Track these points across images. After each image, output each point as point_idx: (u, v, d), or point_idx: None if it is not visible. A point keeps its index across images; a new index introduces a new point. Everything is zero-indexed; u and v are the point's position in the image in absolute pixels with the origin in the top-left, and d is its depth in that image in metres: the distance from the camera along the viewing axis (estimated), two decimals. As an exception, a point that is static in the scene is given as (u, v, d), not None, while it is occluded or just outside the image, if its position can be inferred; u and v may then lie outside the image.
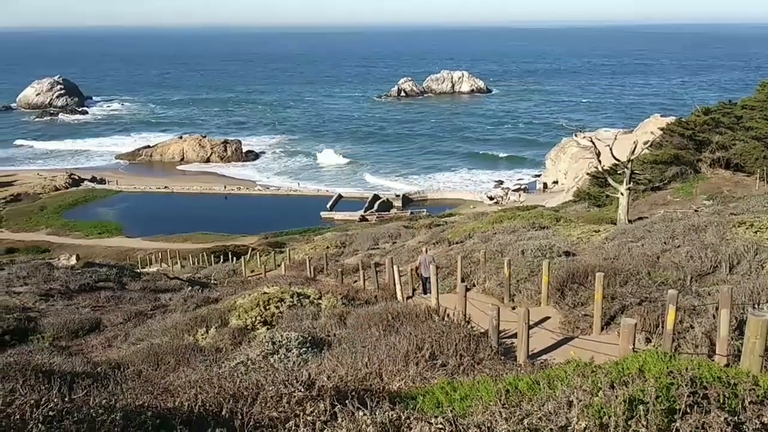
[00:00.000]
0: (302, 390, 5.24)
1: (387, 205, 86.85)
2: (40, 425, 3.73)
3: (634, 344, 7.95)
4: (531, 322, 9.88)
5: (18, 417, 3.98)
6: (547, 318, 12.63)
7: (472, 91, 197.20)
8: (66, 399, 4.42)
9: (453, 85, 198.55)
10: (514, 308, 13.92)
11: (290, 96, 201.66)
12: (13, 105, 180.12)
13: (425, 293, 17.81)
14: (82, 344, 15.50)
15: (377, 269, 21.69)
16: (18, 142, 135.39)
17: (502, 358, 8.66)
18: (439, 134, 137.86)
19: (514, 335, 10.35)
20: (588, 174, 49.79)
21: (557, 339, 11.13)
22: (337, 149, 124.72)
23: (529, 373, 6.56)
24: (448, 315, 10.79)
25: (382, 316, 11.42)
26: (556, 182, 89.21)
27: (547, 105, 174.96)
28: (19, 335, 15.86)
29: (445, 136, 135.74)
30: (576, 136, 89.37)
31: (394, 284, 17.98)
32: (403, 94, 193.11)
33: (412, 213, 78.72)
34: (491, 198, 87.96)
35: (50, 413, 3.99)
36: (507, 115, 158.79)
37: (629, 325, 8.00)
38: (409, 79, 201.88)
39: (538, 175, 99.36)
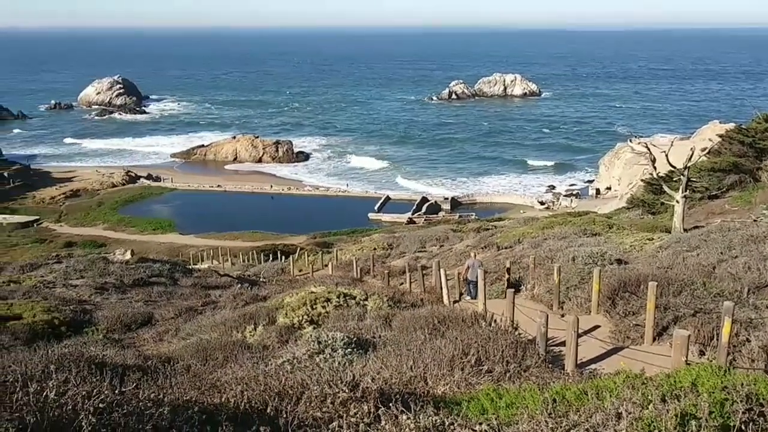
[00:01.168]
0: (346, 391, 5.25)
1: (435, 208, 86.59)
2: (90, 417, 3.83)
3: (687, 357, 7.72)
4: (580, 331, 9.69)
5: (70, 407, 4.09)
6: (597, 327, 12.38)
7: (525, 94, 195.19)
8: (116, 391, 4.53)
9: (505, 88, 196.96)
10: (563, 316, 13.69)
11: (342, 97, 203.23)
12: (74, 103, 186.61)
13: (473, 298, 17.71)
14: (135, 337, 15.89)
15: (424, 272, 21.62)
16: (67, 140, 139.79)
17: (550, 366, 8.51)
18: (490, 137, 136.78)
19: (563, 343, 10.18)
20: (642, 180, 48.66)
21: (607, 348, 10.89)
22: (385, 151, 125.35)
23: (577, 382, 6.43)
24: (495, 321, 10.67)
25: (428, 319, 11.36)
26: (609, 188, 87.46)
27: (602, 109, 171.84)
28: (74, 327, 16.35)
29: (496, 140, 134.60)
30: (631, 141, 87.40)
31: (441, 288, 17.89)
32: (454, 96, 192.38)
33: (460, 216, 78.29)
34: (542, 203, 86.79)
35: (101, 405, 4.09)
36: (560, 119, 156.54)
37: (682, 337, 7.77)
38: (461, 81, 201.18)
39: (591, 181, 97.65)
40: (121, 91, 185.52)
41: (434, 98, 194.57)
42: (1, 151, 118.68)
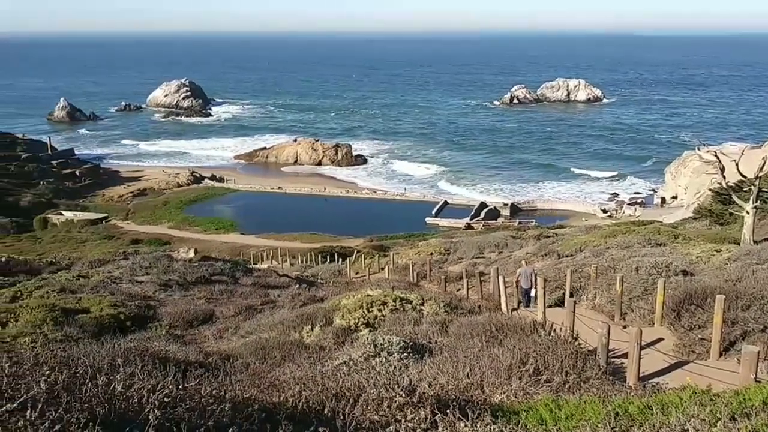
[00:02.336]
0: (403, 395, 5.24)
1: (494, 214, 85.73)
2: (156, 410, 3.93)
3: (756, 374, 7.41)
4: (643, 343, 9.42)
5: (136, 401, 4.21)
6: (660, 339, 12.01)
7: (589, 99, 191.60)
8: (180, 386, 4.64)
9: (568, 94, 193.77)
10: (625, 327, 13.34)
11: (402, 102, 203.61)
12: (143, 105, 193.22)
13: (526, 306, 17.51)
14: (196, 334, 16.26)
15: (482, 278, 21.43)
16: (135, 141, 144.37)
17: (611, 378, 8.30)
18: (552, 143, 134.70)
19: (624, 355, 9.92)
20: (710, 190, 47.12)
21: (670, 362, 10.55)
22: (444, 156, 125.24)
23: (640, 396, 6.25)
24: (554, 330, 10.49)
25: (485, 326, 11.25)
26: (675, 197, 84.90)
27: (668, 116, 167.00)
28: (139, 322, 16.84)
29: (558, 145, 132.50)
30: (699, 149, 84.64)
31: (499, 295, 17.70)
32: (516, 101, 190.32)
33: (520, 223, 77.27)
34: (605, 211, 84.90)
35: (165, 399, 4.20)
36: (624, 125, 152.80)
37: (751, 353, 7.47)
38: (523, 86, 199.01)
39: (655, 190, 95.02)
40: (188, 93, 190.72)
41: (495, 103, 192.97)
42: (74, 150, 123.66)
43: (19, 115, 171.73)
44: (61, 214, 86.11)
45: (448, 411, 4.99)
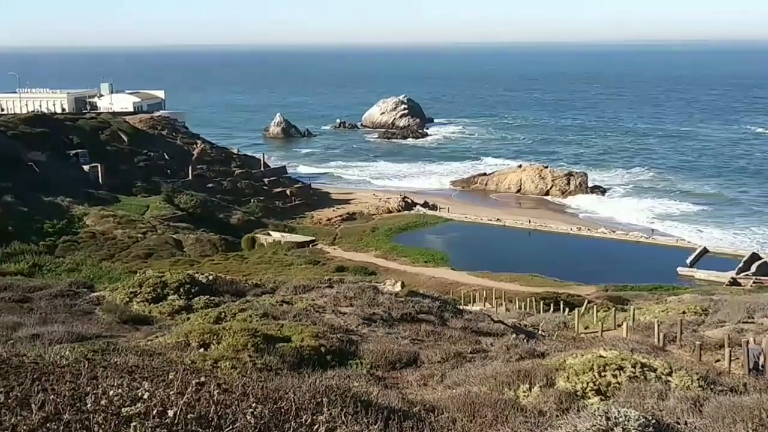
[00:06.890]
0: (646, 485, 4.89)
1: (768, 269, 78.36)
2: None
3: None
4: None
5: (338, 446, 4.38)
6: None
7: None
8: (384, 437, 4.75)
9: None
10: None
11: (657, 127, 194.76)
12: (359, 123, 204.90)
13: None
14: (398, 377, 16.67)
15: (749, 349, 19.65)
16: (348, 161, 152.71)
17: None
18: None
19: None
20: None
21: None
22: (708, 192, 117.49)
23: None
24: None
25: (752, 410, 10.28)
26: None
27: None
28: (339, 357, 17.68)
29: None
30: None
31: (772, 372, 16.10)
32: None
33: (801, 282, 69.81)
34: None
35: (370, 449, 4.31)
36: None
37: None
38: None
39: None
40: (405, 111, 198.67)
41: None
42: (286, 168, 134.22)
43: (238, 129, 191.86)
44: (269, 235, 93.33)
45: None
